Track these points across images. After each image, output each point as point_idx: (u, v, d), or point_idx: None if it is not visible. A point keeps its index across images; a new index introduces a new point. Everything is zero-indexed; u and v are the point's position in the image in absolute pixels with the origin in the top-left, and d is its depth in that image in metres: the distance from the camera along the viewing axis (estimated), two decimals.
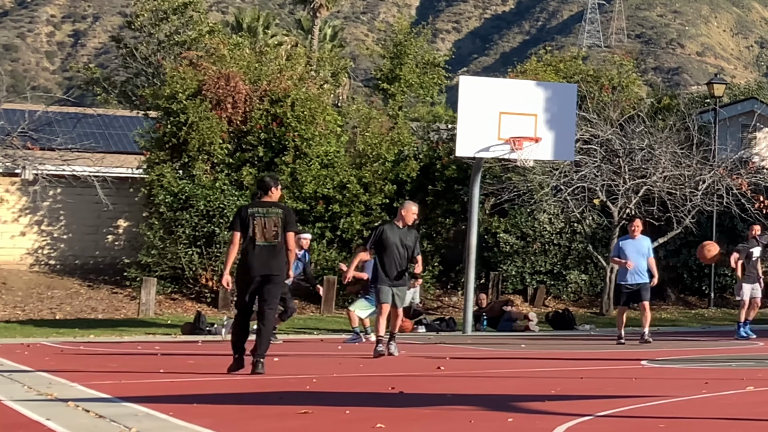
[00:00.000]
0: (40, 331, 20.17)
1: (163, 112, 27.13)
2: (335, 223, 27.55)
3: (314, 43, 47.89)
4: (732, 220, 28.84)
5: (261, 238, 11.25)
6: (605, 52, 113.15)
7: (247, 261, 11.30)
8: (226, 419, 7.94)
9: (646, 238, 17.80)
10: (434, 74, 35.02)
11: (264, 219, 11.29)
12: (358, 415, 8.13)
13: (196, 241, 25.59)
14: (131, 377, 11.10)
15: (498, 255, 27.70)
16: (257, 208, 11.44)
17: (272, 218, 11.31)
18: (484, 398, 9.49)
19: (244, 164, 27.21)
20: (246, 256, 11.32)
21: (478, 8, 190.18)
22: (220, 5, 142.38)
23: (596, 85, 30.95)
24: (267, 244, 11.26)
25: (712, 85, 30.94)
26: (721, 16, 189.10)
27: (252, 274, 11.24)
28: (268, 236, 11.27)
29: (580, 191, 25.65)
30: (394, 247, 14.14)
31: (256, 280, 11.26)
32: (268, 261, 11.24)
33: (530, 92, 20.97)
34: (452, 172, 28.23)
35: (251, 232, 11.24)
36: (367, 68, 75.10)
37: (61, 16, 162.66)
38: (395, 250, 14.15)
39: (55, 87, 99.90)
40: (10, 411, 8.38)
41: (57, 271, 27.35)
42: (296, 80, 28.45)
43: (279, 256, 11.31)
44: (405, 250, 14.23)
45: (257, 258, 11.24)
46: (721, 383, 10.58)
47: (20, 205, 27.50)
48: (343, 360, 14.08)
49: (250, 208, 11.54)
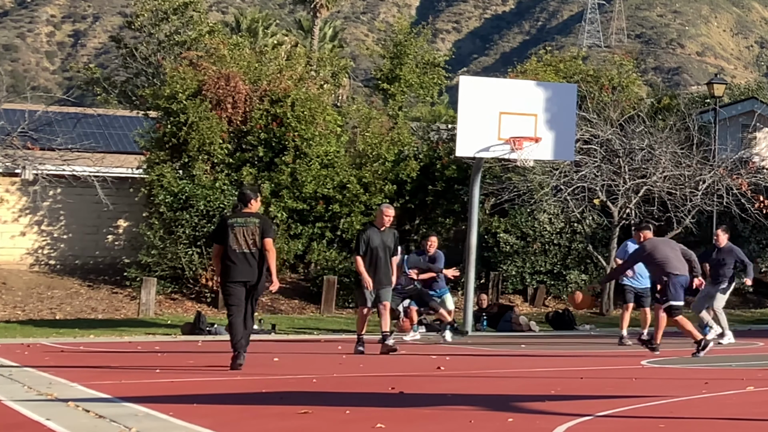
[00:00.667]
0: (40, 331, 20.17)
1: (163, 112, 27.13)
2: (335, 223, 27.56)
3: (314, 43, 47.90)
4: (732, 220, 28.83)
5: (239, 247, 12.06)
6: (605, 52, 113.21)
7: (229, 269, 12.12)
8: (226, 419, 7.94)
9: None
10: (434, 74, 35.01)
11: (243, 228, 12.13)
12: (358, 415, 8.13)
13: (196, 241, 25.58)
14: (131, 377, 11.10)
15: (498, 255, 27.71)
16: (236, 218, 12.32)
17: (250, 227, 12.14)
18: (484, 398, 9.49)
19: (244, 164, 27.21)
20: (227, 265, 12.15)
21: (478, 8, 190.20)
22: (220, 5, 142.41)
23: (596, 85, 30.95)
24: (246, 252, 12.06)
25: (712, 85, 30.93)
26: (721, 16, 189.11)
27: (234, 280, 12.10)
28: (247, 244, 12.06)
29: (580, 191, 25.65)
30: (377, 251, 14.77)
31: (239, 285, 12.09)
32: (248, 267, 12.08)
33: (530, 92, 20.95)
34: (452, 172, 28.24)
35: (230, 241, 12.06)
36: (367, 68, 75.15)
37: (61, 16, 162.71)
38: (379, 253, 14.77)
39: (55, 87, 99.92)
40: (10, 411, 8.38)
41: (57, 271, 27.35)
42: (296, 80, 28.45)
43: (258, 262, 12.12)
44: (386, 252, 14.88)
45: (237, 265, 12.07)
46: (721, 383, 10.58)
47: (20, 205, 27.50)
48: (343, 360, 14.09)
49: (229, 219, 12.41)
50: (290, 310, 25.97)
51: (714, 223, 28.37)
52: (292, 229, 27.13)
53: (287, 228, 26.97)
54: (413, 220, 29.28)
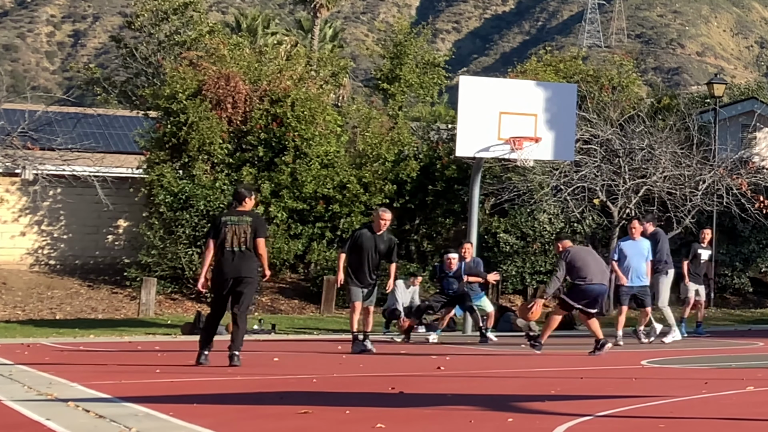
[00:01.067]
0: (40, 331, 20.16)
1: (163, 112, 27.14)
2: (335, 223, 27.56)
3: (314, 43, 47.89)
4: (732, 220, 28.86)
5: (230, 245, 12.26)
6: (605, 52, 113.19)
7: (220, 265, 12.38)
8: (226, 419, 7.93)
9: (647, 240, 17.53)
10: (434, 74, 34.99)
11: (235, 227, 12.32)
12: (358, 415, 8.13)
13: (196, 241, 25.58)
14: (131, 377, 11.09)
15: (498, 255, 27.70)
16: (230, 216, 12.53)
17: (242, 226, 12.33)
18: (484, 398, 9.49)
19: (244, 164, 27.22)
20: (219, 261, 12.41)
21: (478, 8, 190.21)
22: (220, 5, 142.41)
23: (596, 85, 30.94)
24: (237, 250, 12.26)
25: (712, 85, 30.93)
26: (721, 16, 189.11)
27: (224, 277, 12.32)
28: (238, 243, 12.26)
29: (580, 191, 25.64)
30: (367, 252, 14.81)
31: (228, 283, 12.29)
32: (238, 265, 12.28)
33: (530, 92, 20.95)
34: (452, 172, 28.24)
35: (223, 238, 12.28)
36: (367, 68, 75.15)
37: (61, 16, 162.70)
38: (367, 255, 14.82)
39: (55, 87, 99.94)
40: (10, 411, 8.38)
41: (57, 271, 27.36)
42: (296, 80, 28.45)
43: (249, 260, 12.34)
44: (377, 255, 14.91)
45: (228, 262, 12.29)
46: (721, 383, 10.58)
47: (20, 205, 27.51)
48: (343, 360, 14.09)
49: (223, 216, 12.65)
50: (290, 310, 25.98)
51: (714, 223, 28.42)
52: (292, 229, 27.13)
53: (287, 228, 26.97)
54: (413, 220, 29.27)
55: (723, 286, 29.64)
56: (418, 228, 29.09)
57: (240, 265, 12.22)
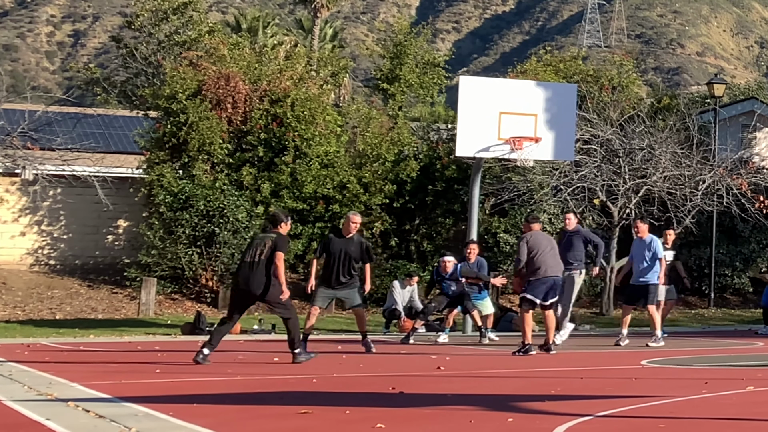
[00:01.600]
0: (40, 331, 20.16)
1: (163, 112, 27.13)
2: (335, 223, 27.52)
3: (314, 43, 47.90)
4: (732, 220, 28.85)
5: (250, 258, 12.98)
6: (605, 52, 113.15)
7: (237, 274, 13.35)
8: (226, 419, 7.94)
9: (653, 238, 17.47)
10: (434, 74, 35.01)
11: (259, 242, 13.11)
12: (358, 415, 8.13)
13: (196, 241, 25.58)
14: (131, 377, 11.10)
15: (498, 255, 27.69)
16: (260, 235, 13.78)
17: (265, 241, 13.02)
18: (484, 398, 9.49)
19: (244, 164, 27.21)
20: (236, 270, 13.50)
21: (478, 8, 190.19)
22: (220, 5, 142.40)
23: (596, 85, 30.94)
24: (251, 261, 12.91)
25: (712, 85, 30.93)
26: (721, 16, 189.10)
27: (238, 285, 13.17)
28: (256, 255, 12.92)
29: (580, 191, 25.64)
30: (336, 256, 15.03)
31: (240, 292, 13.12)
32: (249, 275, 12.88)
33: (530, 92, 20.94)
34: (452, 172, 28.23)
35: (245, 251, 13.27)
36: (367, 68, 75.16)
37: (61, 16, 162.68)
38: (337, 258, 15.02)
39: (55, 87, 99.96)
40: (10, 411, 8.38)
41: (57, 271, 27.36)
42: (296, 80, 28.45)
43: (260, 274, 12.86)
44: (347, 259, 15.09)
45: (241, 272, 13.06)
46: (721, 383, 10.58)
47: (20, 205, 27.51)
48: (343, 360, 14.09)
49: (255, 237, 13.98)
50: None
51: (714, 223, 28.43)
52: (292, 229, 27.11)
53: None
54: (413, 220, 29.27)
55: (723, 286, 29.62)
56: (418, 228, 29.09)
57: (250, 277, 12.82)
